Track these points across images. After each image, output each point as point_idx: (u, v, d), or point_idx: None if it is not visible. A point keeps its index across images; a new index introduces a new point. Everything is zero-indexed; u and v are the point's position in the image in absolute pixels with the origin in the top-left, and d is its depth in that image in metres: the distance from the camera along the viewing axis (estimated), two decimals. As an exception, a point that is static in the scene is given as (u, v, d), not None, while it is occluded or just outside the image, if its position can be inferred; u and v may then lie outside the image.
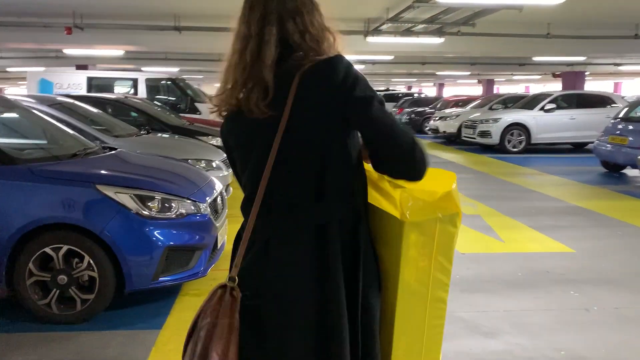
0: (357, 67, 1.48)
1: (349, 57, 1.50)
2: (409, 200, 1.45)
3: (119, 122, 7.24)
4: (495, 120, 14.38)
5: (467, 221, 6.45)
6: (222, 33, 1.70)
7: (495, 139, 14.20)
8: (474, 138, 14.98)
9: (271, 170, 1.40)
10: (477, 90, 37.53)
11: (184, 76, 27.91)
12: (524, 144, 14.05)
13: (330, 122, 1.41)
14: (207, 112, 13.24)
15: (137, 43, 11.85)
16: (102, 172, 4.01)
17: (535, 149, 14.24)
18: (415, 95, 26.53)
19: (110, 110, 8.38)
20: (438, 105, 20.88)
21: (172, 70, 20.10)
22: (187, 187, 4.03)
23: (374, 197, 1.53)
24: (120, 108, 8.51)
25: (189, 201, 3.85)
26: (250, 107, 1.41)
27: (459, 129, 16.34)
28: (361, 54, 14.06)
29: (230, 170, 3.49)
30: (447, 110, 18.50)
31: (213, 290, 1.40)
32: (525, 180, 9.90)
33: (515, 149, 14.02)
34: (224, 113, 1.50)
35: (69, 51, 13.15)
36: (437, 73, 25.39)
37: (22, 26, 10.67)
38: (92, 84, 13.02)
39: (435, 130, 17.82)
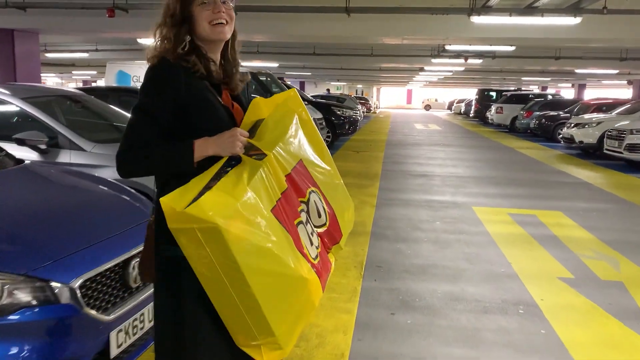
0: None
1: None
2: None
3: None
4: (651, 131, 11.17)
5: (600, 295, 4.06)
6: None
7: (649, 155, 11.04)
8: (620, 152, 11.82)
9: None
10: (627, 93, 32.30)
11: (288, 72, 27.45)
12: (690, 162, 10.73)
13: None
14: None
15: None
16: None
17: None
18: (549, 96, 22.95)
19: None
20: (575, 110, 17.46)
21: (271, 65, 18.87)
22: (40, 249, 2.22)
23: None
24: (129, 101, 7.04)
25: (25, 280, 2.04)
26: None
27: (600, 140, 13.18)
28: (463, 41, 11.81)
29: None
30: (586, 116, 15.18)
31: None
32: (696, 219, 7.00)
33: (677, 169, 10.75)
34: None
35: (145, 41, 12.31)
36: (576, 71, 21.64)
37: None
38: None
39: (569, 139, 14.64)
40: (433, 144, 16.86)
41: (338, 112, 14.39)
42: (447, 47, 13.39)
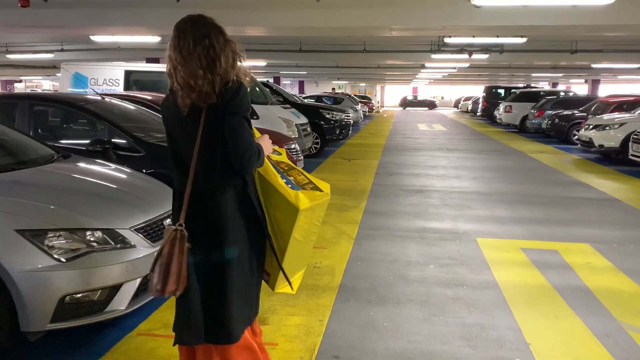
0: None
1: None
2: (301, 198, 2.36)
3: (32, 142, 4.36)
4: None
5: None
6: None
7: (685, 163, 9.46)
8: (649, 159, 10.26)
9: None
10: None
11: (282, 72, 25.95)
12: None
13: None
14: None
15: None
16: None
17: None
18: (562, 94, 21.30)
19: (59, 116, 5.55)
20: (592, 108, 15.81)
21: (259, 63, 17.34)
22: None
23: (280, 183, 2.39)
24: (71, 114, 5.61)
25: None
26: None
27: (624, 143, 11.62)
28: (464, 31, 10.43)
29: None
30: (606, 116, 13.55)
31: (168, 231, 2.20)
32: None
33: None
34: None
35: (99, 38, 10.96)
36: (593, 66, 19.95)
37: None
38: (130, 79, 10.54)
39: (587, 143, 13.02)
40: (435, 148, 15.31)
41: (327, 116, 12.89)
42: (447, 41, 11.77)
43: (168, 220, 3.48)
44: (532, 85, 34.05)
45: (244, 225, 2.32)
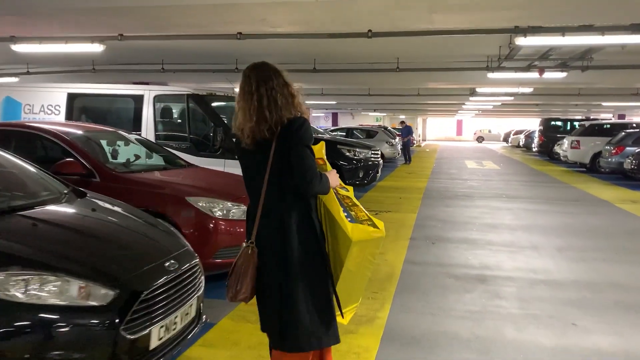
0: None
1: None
2: (356, 231, 2.52)
3: None
4: None
5: None
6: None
7: None
8: None
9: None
10: None
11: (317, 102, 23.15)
12: None
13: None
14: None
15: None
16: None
17: None
18: (646, 127, 17.51)
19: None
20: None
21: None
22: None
23: (337, 211, 2.57)
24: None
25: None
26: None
27: None
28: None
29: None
30: None
31: (243, 247, 2.50)
32: None
33: None
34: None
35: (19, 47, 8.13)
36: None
37: None
38: (74, 104, 7.74)
39: None
40: (492, 195, 11.90)
41: (347, 154, 9.80)
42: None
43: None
44: (592, 117, 30.05)
45: (305, 245, 2.52)
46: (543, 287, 5.15)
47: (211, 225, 4.63)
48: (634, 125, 18.96)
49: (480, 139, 54.56)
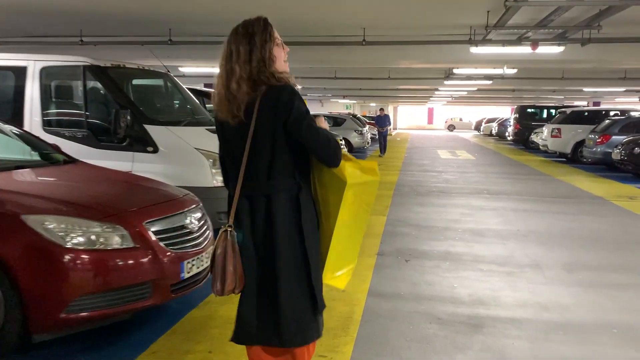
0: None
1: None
2: (349, 171, 2.24)
3: None
4: None
5: None
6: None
7: None
8: None
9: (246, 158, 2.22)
10: None
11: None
12: None
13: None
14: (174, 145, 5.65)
15: None
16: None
17: None
18: (634, 114, 16.26)
19: None
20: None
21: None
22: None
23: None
24: None
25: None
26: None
27: None
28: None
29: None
30: None
31: (220, 232, 2.20)
32: None
33: None
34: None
35: None
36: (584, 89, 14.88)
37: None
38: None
39: None
40: (471, 190, 10.41)
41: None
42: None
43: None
44: (566, 105, 28.97)
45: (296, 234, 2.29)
46: (562, 336, 3.62)
47: (62, 259, 2.93)
48: (619, 112, 17.73)
49: (451, 128, 53.59)
